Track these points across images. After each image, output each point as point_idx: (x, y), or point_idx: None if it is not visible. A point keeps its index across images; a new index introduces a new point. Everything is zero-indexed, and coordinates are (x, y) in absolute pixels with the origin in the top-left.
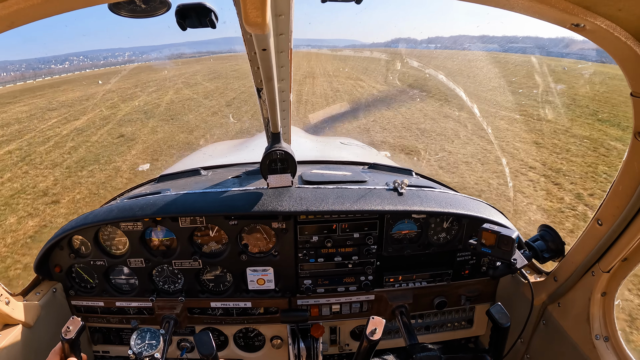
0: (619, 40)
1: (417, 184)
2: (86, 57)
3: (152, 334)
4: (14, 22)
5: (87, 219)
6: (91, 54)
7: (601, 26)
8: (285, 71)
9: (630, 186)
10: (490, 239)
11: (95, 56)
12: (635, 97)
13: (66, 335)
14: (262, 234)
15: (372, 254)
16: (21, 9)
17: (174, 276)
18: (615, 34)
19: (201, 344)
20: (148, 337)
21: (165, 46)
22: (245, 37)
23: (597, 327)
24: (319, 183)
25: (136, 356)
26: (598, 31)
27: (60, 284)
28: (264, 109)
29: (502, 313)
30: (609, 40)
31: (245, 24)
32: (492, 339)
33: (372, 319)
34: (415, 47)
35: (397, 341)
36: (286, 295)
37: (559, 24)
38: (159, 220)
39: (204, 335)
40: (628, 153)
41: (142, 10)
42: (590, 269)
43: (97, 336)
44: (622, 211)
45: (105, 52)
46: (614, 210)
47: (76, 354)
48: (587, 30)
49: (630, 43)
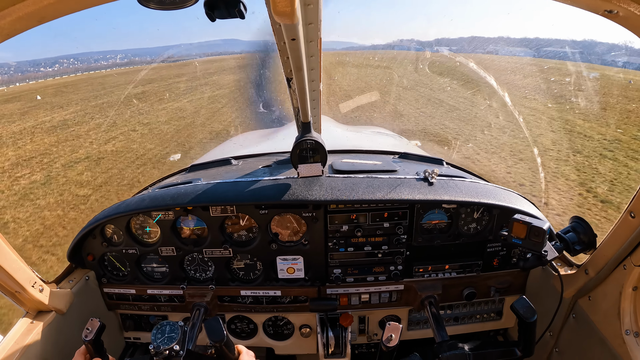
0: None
1: (447, 173)
2: (76, 60)
3: (171, 327)
4: (44, 17)
5: (119, 209)
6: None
7: (635, 12)
8: (315, 60)
9: None
10: (521, 230)
11: (86, 58)
12: None
13: (86, 337)
14: (293, 223)
15: (402, 243)
16: (51, 4)
17: (205, 264)
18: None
19: (211, 330)
20: (167, 331)
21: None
22: (274, 27)
23: (628, 322)
24: (349, 172)
25: (156, 350)
26: (632, 18)
27: (93, 272)
28: (294, 99)
29: (527, 307)
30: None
31: (274, 14)
32: (521, 333)
33: (389, 325)
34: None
35: (426, 331)
36: (315, 284)
37: (592, 10)
38: (190, 209)
39: (214, 322)
40: None
41: (171, 2)
42: (622, 263)
43: (129, 323)
44: None
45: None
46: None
47: (101, 354)
48: (620, 17)
49: None
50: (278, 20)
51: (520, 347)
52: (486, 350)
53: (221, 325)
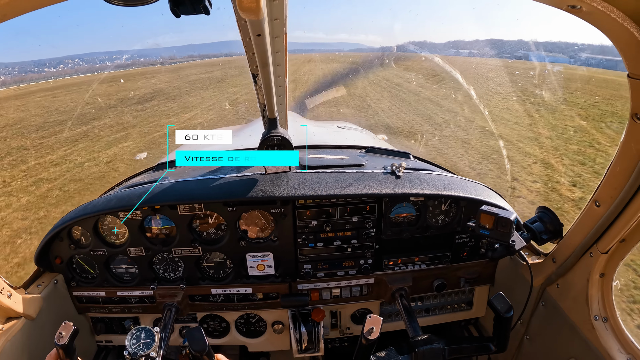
0: (615, 22)
1: (414, 167)
2: (82, 60)
3: (147, 333)
4: (6, 15)
5: (86, 210)
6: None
7: (598, 8)
8: (281, 56)
9: (628, 167)
10: (488, 221)
11: (91, 59)
12: (632, 79)
13: (59, 341)
14: (261, 219)
15: (371, 237)
16: (11, 1)
17: (174, 264)
18: (612, 16)
19: (193, 340)
20: (143, 336)
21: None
22: (240, 23)
23: (596, 308)
24: (316, 167)
25: (131, 356)
26: (595, 13)
27: (61, 275)
28: (260, 95)
29: (504, 302)
30: (606, 22)
31: (240, 10)
32: (496, 328)
33: (369, 318)
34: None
35: (398, 324)
36: (286, 280)
37: (555, 5)
38: (158, 208)
39: (196, 331)
40: (625, 135)
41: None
42: (588, 250)
43: (100, 326)
44: (619, 192)
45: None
46: (612, 191)
47: (72, 359)
48: (583, 12)
49: (627, 25)
50: (243, 16)
51: (495, 342)
52: (461, 345)
53: (203, 335)
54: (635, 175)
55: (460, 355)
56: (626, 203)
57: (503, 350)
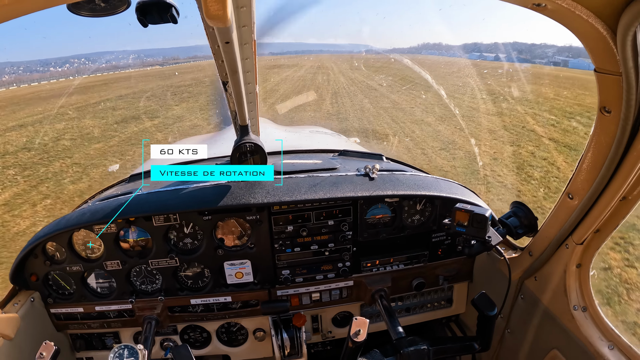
0: (580, 18)
1: (388, 168)
2: (88, 60)
3: (130, 351)
4: (7, 16)
5: (60, 225)
6: (94, 56)
7: (562, 5)
8: (250, 63)
9: (598, 159)
10: (464, 218)
11: (97, 59)
12: (598, 73)
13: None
14: (237, 227)
15: (348, 240)
16: (13, 2)
17: (152, 276)
18: (576, 13)
19: (180, 358)
20: (126, 354)
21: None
22: (208, 31)
23: (575, 298)
24: (290, 173)
25: None
26: (559, 10)
27: (38, 292)
28: (230, 102)
29: (488, 302)
30: (571, 19)
31: (207, 18)
32: (479, 327)
33: (355, 320)
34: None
35: (379, 325)
36: (265, 287)
37: (521, 4)
38: (132, 220)
39: (182, 349)
40: (594, 127)
41: (101, 8)
42: (564, 242)
43: (80, 343)
44: (591, 184)
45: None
46: (584, 183)
47: None
48: (548, 10)
49: (592, 21)
50: (211, 23)
51: (479, 341)
52: (445, 345)
53: (190, 353)
54: (607, 166)
55: (445, 355)
56: (599, 194)
57: (487, 349)
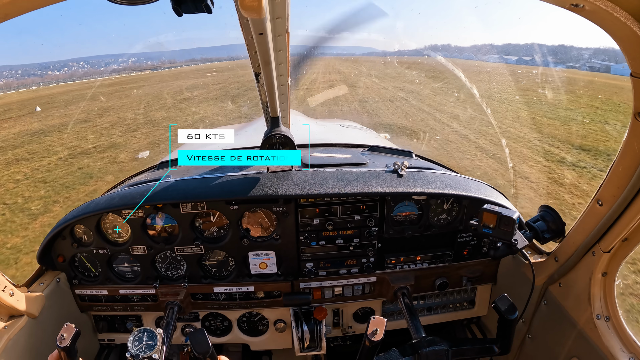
0: (618, 20)
1: (417, 165)
2: (87, 63)
3: (149, 335)
4: (8, 14)
5: (89, 208)
6: (92, 59)
7: (600, 6)
8: (283, 55)
9: (631, 166)
10: (491, 220)
11: (96, 62)
12: (635, 78)
13: (61, 343)
14: (263, 218)
15: (373, 236)
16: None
17: (177, 262)
18: (614, 15)
19: (196, 342)
20: (145, 338)
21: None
22: (242, 22)
23: (598, 307)
24: (319, 166)
25: (134, 359)
26: (597, 12)
27: (64, 273)
28: (262, 94)
29: (509, 305)
30: (609, 21)
31: (241, 9)
32: (500, 330)
33: (373, 319)
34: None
35: (399, 322)
36: (288, 278)
37: (558, 4)
38: (160, 207)
39: (199, 333)
40: (628, 133)
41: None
42: (590, 249)
43: (102, 324)
44: (622, 191)
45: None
46: (614, 190)
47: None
48: (586, 11)
49: (630, 24)
50: (245, 15)
51: (498, 344)
52: (465, 347)
53: (206, 337)
54: (638, 173)
55: (464, 357)
56: (629, 202)
57: (507, 352)
